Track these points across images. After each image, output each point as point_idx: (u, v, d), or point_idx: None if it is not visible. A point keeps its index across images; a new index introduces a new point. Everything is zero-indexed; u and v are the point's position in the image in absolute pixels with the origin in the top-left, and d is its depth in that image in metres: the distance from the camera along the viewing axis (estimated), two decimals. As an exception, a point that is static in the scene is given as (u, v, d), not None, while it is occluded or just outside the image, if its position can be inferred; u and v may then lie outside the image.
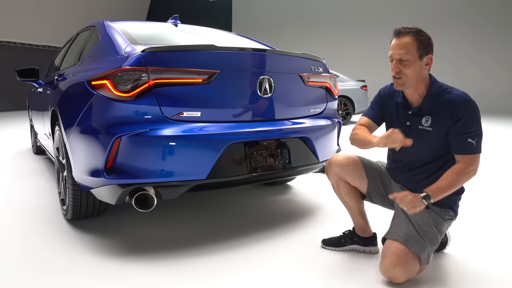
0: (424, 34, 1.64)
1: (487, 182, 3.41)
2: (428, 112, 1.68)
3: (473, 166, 1.62)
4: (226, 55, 2.03)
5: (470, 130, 1.59)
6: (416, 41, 1.62)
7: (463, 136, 1.60)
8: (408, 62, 1.62)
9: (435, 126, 1.66)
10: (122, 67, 1.81)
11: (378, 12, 15.01)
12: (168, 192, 1.88)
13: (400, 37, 1.64)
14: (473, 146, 1.60)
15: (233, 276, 1.70)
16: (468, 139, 1.60)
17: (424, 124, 1.69)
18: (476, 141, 1.60)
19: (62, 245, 2.02)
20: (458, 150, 1.63)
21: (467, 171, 1.61)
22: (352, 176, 1.89)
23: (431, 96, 1.67)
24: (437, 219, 1.67)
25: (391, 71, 1.69)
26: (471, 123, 1.59)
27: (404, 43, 1.62)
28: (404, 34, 1.64)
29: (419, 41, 1.62)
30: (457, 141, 1.62)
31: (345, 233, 1.99)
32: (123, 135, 1.77)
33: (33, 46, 13.91)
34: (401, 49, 1.62)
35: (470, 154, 1.61)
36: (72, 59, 2.96)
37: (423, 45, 1.62)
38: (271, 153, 2.08)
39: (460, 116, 1.60)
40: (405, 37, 1.63)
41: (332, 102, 2.56)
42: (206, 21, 7.71)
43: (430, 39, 1.65)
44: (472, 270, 1.76)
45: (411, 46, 1.61)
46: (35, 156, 4.70)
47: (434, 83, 1.69)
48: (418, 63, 1.63)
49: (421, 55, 1.63)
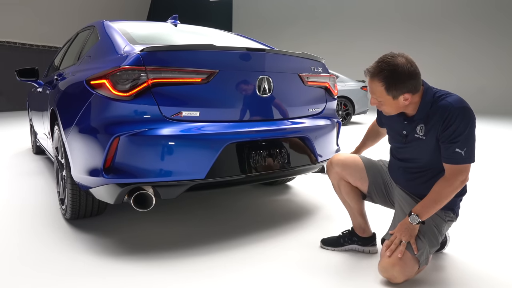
0: (397, 73, 1.51)
1: (486, 182, 3.41)
2: (422, 120, 1.63)
3: (460, 177, 1.54)
4: (225, 54, 2.03)
5: (459, 139, 1.51)
6: (384, 86, 1.54)
7: (451, 145, 1.53)
8: (383, 102, 1.60)
9: (428, 134, 1.62)
10: (121, 66, 1.81)
11: (378, 13, 15.03)
12: (166, 191, 1.87)
13: (371, 80, 1.59)
14: (460, 156, 1.52)
15: (233, 276, 1.70)
16: (456, 148, 1.52)
17: (418, 132, 1.65)
18: (465, 151, 1.52)
19: (61, 244, 2.02)
20: (445, 159, 1.58)
21: (454, 183, 1.54)
22: (353, 176, 1.89)
23: (426, 105, 1.61)
24: (437, 220, 1.66)
25: None
26: (461, 132, 1.51)
27: (373, 88, 1.59)
28: (373, 77, 1.57)
29: (388, 84, 1.53)
30: (445, 149, 1.57)
31: (344, 233, 1.99)
32: (121, 134, 1.77)
33: (33, 46, 13.91)
34: (373, 93, 1.60)
35: (457, 165, 1.54)
36: (72, 59, 2.96)
37: (394, 87, 1.53)
38: (270, 153, 2.08)
39: (450, 124, 1.52)
40: (374, 81, 1.57)
41: (332, 102, 2.56)
42: (207, 22, 7.71)
43: (405, 75, 1.51)
44: (471, 270, 1.76)
45: (380, 91, 1.57)
46: (34, 156, 4.70)
47: (428, 91, 1.62)
48: (394, 102, 1.59)
49: (395, 96, 1.56)
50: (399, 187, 1.83)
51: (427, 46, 13.68)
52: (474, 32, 13.41)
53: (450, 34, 13.69)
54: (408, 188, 1.78)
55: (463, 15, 13.61)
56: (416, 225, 1.59)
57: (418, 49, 13.25)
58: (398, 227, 1.63)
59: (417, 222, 1.58)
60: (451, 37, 13.69)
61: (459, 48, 13.59)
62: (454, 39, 13.65)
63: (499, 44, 13.04)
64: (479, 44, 13.32)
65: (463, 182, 1.57)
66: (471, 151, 1.55)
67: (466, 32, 13.50)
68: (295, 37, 16.44)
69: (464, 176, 1.56)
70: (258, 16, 17.74)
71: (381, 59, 1.56)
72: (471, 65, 13.43)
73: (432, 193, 1.59)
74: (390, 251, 1.58)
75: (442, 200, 1.57)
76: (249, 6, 18.02)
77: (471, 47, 13.43)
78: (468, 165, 1.56)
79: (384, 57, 1.56)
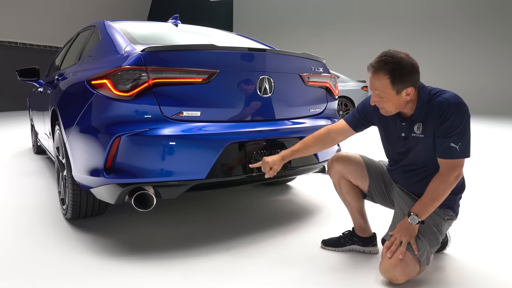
0: (401, 65, 1.52)
1: (486, 182, 3.41)
2: (420, 119, 1.63)
3: (455, 172, 1.55)
4: (226, 54, 2.03)
5: (454, 133, 1.52)
6: (390, 80, 1.53)
7: (446, 140, 1.54)
8: (386, 99, 1.58)
9: (426, 131, 1.62)
10: (122, 66, 1.81)
11: (377, 15, 15.05)
12: (167, 191, 1.87)
13: (374, 75, 1.56)
14: (455, 151, 1.53)
15: (234, 276, 1.70)
16: (451, 143, 1.53)
17: (416, 131, 1.65)
18: (460, 146, 1.52)
19: (62, 245, 2.02)
20: (440, 154, 1.58)
21: (449, 179, 1.55)
22: (354, 175, 1.89)
23: (422, 104, 1.61)
24: (436, 219, 1.66)
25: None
26: (456, 127, 1.52)
27: (378, 84, 1.56)
28: (378, 71, 1.55)
29: (394, 77, 1.52)
30: (439, 144, 1.57)
31: (345, 233, 1.99)
32: (122, 134, 1.77)
33: (34, 46, 13.93)
34: (375, 89, 1.57)
35: (452, 159, 1.54)
36: (73, 58, 2.96)
37: (400, 79, 1.53)
38: (270, 153, 2.08)
39: (446, 119, 1.53)
40: (379, 75, 1.55)
41: (332, 102, 2.56)
42: (207, 22, 7.71)
43: (410, 67, 1.53)
44: (472, 270, 1.75)
45: (385, 86, 1.54)
46: (35, 155, 4.70)
47: (423, 90, 1.62)
48: (396, 98, 1.58)
49: (399, 90, 1.55)
50: (398, 186, 1.83)
51: (425, 49, 13.76)
52: (470, 36, 13.63)
53: (447, 38, 13.87)
54: (406, 186, 1.78)
55: (460, 19, 13.79)
56: (415, 225, 1.59)
57: (416, 52, 13.28)
58: (398, 228, 1.63)
59: (416, 222, 1.57)
60: (448, 41, 13.85)
61: (455, 51, 13.82)
62: (450, 43, 13.84)
63: (494, 48, 13.31)
64: (475, 47, 13.55)
65: (457, 178, 1.57)
66: (466, 146, 1.55)
67: (462, 36, 13.73)
68: (296, 37, 16.44)
69: (458, 171, 1.56)
70: (258, 16, 17.74)
71: (384, 54, 1.56)
72: (467, 68, 13.62)
73: (428, 191, 1.59)
74: (390, 253, 1.58)
75: (439, 197, 1.57)
76: (249, 6, 18.01)
77: (467, 52, 13.67)
78: (463, 160, 1.56)
79: (386, 52, 1.57)
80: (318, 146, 1.89)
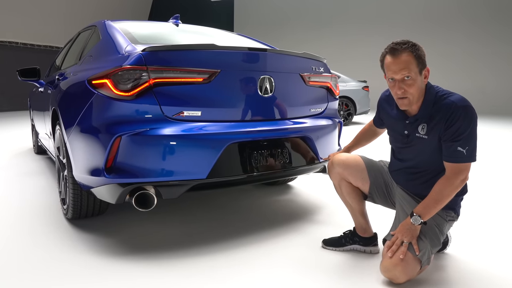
0: (419, 47, 1.58)
1: (487, 182, 3.40)
2: (424, 120, 1.63)
3: (461, 176, 1.55)
4: (226, 54, 2.03)
5: (461, 137, 1.52)
6: (414, 57, 1.55)
7: (453, 143, 1.54)
8: (412, 80, 1.56)
9: (430, 133, 1.62)
10: (123, 66, 1.81)
11: (378, 15, 15.05)
12: (168, 191, 1.87)
13: (398, 55, 1.56)
14: (462, 155, 1.53)
15: (234, 276, 1.70)
16: (458, 147, 1.53)
17: (420, 132, 1.66)
18: (467, 150, 1.52)
19: (62, 244, 2.02)
20: (446, 157, 1.58)
21: (454, 182, 1.55)
22: (354, 176, 1.89)
23: (428, 104, 1.62)
24: (438, 220, 1.66)
25: (392, 93, 1.64)
26: (463, 130, 1.52)
27: (404, 62, 1.55)
28: (401, 51, 1.55)
29: (417, 55, 1.55)
30: (446, 147, 1.57)
31: (346, 233, 1.99)
32: (123, 134, 1.77)
33: (35, 46, 13.93)
34: (402, 68, 1.55)
35: (458, 163, 1.55)
36: (73, 58, 2.96)
37: (420, 57, 1.56)
38: (271, 152, 2.08)
39: (453, 122, 1.53)
40: (403, 54, 1.55)
41: (333, 102, 2.56)
42: (208, 22, 7.72)
43: (423, 50, 1.59)
44: (473, 270, 1.75)
45: (411, 63, 1.55)
46: (36, 155, 4.70)
47: (430, 90, 1.63)
48: (419, 79, 1.58)
49: (421, 69, 1.57)
50: (399, 187, 1.83)
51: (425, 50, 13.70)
52: (470, 37, 13.64)
53: (448, 38, 13.89)
54: (409, 188, 1.77)
55: (461, 20, 13.80)
56: (417, 226, 1.58)
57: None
58: (400, 228, 1.63)
59: (419, 222, 1.57)
60: (448, 41, 13.86)
61: (456, 52, 13.85)
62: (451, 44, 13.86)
63: (495, 49, 13.33)
64: (475, 48, 13.57)
65: (463, 181, 1.57)
66: (473, 150, 1.55)
67: (463, 37, 13.76)
68: (297, 37, 16.43)
69: (465, 175, 1.56)
70: (259, 16, 17.74)
71: (396, 41, 1.60)
72: (467, 69, 13.64)
73: (433, 193, 1.58)
74: (391, 252, 1.58)
75: (444, 200, 1.57)
76: (250, 6, 18.02)
77: (468, 53, 13.69)
78: (469, 164, 1.56)
79: (395, 41, 1.61)
80: (364, 140, 2.12)
